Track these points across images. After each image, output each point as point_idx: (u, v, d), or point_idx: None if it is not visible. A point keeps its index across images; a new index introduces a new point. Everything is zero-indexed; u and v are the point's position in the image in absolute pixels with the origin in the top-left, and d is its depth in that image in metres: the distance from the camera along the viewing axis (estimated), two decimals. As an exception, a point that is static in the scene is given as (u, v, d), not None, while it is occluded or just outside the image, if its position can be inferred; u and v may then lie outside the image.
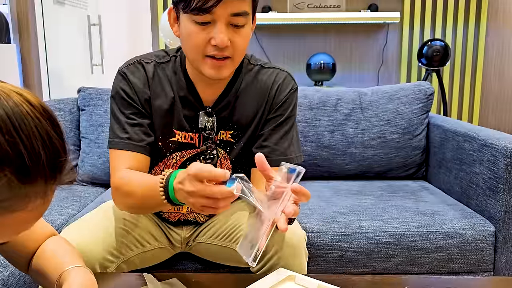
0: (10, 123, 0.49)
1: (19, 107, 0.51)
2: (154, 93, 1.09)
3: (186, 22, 0.98)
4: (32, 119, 0.51)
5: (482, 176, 1.51)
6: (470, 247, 1.43)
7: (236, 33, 0.98)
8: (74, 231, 1.05)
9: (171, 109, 1.10)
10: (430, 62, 3.04)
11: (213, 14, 0.94)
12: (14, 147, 0.49)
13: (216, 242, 1.20)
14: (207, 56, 0.99)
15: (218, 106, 1.11)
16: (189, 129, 1.12)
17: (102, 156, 1.83)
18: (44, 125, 0.52)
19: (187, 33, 0.99)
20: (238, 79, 1.12)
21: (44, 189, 0.53)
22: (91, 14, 3.38)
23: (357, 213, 1.50)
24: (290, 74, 1.16)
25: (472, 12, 3.21)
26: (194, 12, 0.94)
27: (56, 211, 1.51)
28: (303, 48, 3.29)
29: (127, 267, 1.11)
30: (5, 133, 0.49)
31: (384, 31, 3.29)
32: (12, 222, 0.53)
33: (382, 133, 1.88)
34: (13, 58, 2.76)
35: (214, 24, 0.96)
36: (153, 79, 1.09)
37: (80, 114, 1.90)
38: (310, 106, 1.91)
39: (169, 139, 1.12)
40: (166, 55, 1.13)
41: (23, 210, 0.52)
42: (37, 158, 0.51)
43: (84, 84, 1.99)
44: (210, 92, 1.11)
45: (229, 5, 0.94)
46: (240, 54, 1.03)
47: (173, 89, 1.10)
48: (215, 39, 0.96)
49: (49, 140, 0.52)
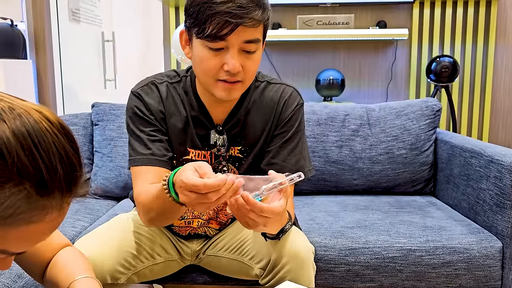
0: (30, 139, 0.52)
1: (39, 124, 0.54)
2: (168, 113, 1.13)
3: (200, 47, 1.01)
4: (51, 136, 0.54)
5: (489, 192, 1.52)
6: (477, 263, 1.43)
7: (247, 59, 1.02)
8: (87, 243, 1.08)
9: (185, 128, 1.13)
10: (439, 78, 3.06)
11: (226, 41, 0.98)
12: (34, 163, 0.52)
13: (225, 255, 1.22)
14: (218, 80, 1.03)
15: (228, 124, 1.15)
16: (202, 147, 1.15)
17: (115, 170, 1.87)
18: (62, 141, 0.55)
19: (200, 58, 1.02)
20: (246, 97, 1.15)
21: (61, 201, 0.56)
22: (105, 31, 3.47)
23: (364, 228, 1.52)
24: (296, 90, 1.19)
25: (480, 28, 3.23)
26: (208, 39, 0.98)
27: (69, 224, 1.55)
28: (313, 64, 3.33)
29: (138, 278, 1.14)
30: (25, 149, 0.52)
31: (393, 47, 3.33)
32: (31, 233, 0.56)
33: (389, 148, 1.90)
34: (29, 74, 2.83)
35: (227, 50, 0.99)
36: (166, 98, 1.13)
37: (94, 129, 1.95)
38: (318, 121, 1.94)
39: (183, 157, 1.15)
40: (177, 75, 1.17)
41: (41, 222, 0.55)
42: (54, 173, 0.54)
43: (97, 99, 2.04)
44: (220, 111, 1.14)
45: (242, 33, 0.98)
46: (251, 77, 1.07)
47: (185, 108, 1.14)
48: (227, 64, 1.00)
49: (66, 155, 0.55)
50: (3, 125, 0.52)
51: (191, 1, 1.00)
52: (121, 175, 1.87)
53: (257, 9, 0.98)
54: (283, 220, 0.99)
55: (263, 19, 1.01)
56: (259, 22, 1.00)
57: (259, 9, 0.99)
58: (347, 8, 3.24)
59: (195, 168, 0.84)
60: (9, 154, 0.51)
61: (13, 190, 0.51)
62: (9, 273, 1.12)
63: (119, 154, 1.88)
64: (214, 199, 0.80)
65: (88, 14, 3.31)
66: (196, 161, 0.86)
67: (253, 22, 0.98)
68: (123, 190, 1.89)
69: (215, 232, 1.27)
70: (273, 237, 1.04)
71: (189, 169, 0.83)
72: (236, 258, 1.20)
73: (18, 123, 0.52)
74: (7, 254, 0.57)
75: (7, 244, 0.55)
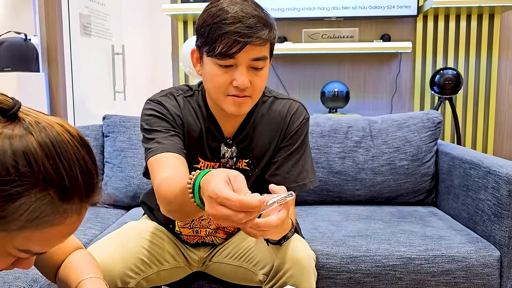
0: (54, 150, 0.58)
1: (61, 137, 0.60)
2: (185, 122, 1.18)
3: (210, 64, 1.07)
4: (72, 147, 0.60)
5: (487, 202, 1.56)
6: (476, 271, 1.47)
7: (255, 75, 1.08)
8: (99, 248, 1.14)
9: (199, 138, 1.19)
10: (442, 90, 3.10)
11: (235, 59, 1.04)
12: (57, 171, 0.58)
13: (230, 262, 1.28)
14: (228, 95, 1.09)
15: (238, 138, 1.21)
16: (211, 158, 1.21)
17: (124, 180, 1.94)
18: (81, 152, 0.61)
19: (210, 74, 1.08)
20: (254, 112, 1.21)
21: (79, 206, 0.62)
22: (115, 44, 3.56)
23: (365, 237, 1.56)
24: (302, 104, 1.25)
25: (484, 41, 3.28)
26: (218, 57, 1.04)
27: (81, 231, 1.61)
28: (318, 77, 3.39)
29: (147, 283, 1.19)
30: (50, 159, 0.58)
31: (397, 60, 3.38)
32: (52, 234, 0.62)
33: (391, 160, 1.95)
34: (41, 86, 2.91)
35: (236, 67, 1.06)
36: (184, 109, 1.19)
37: (105, 140, 2.02)
38: (322, 133, 1.99)
39: (193, 165, 1.21)
40: (189, 89, 1.23)
41: (62, 224, 0.61)
42: (75, 180, 0.60)
43: (107, 111, 2.11)
44: (230, 125, 1.20)
45: (251, 52, 1.04)
46: (259, 93, 1.12)
47: (199, 121, 1.20)
48: (237, 81, 1.05)
49: (85, 165, 0.61)
50: (31, 137, 0.58)
51: (202, 21, 1.06)
52: (131, 185, 1.94)
53: (264, 29, 1.04)
54: (285, 227, 1.03)
55: (270, 38, 1.07)
56: (266, 41, 1.06)
57: (266, 28, 1.05)
58: (351, 22, 3.31)
59: (229, 179, 0.74)
60: (36, 163, 0.57)
61: (39, 196, 0.57)
62: (25, 277, 1.18)
63: (128, 164, 1.95)
64: (244, 220, 0.70)
65: (99, 28, 3.40)
66: (229, 169, 0.77)
67: (261, 41, 1.04)
68: (133, 199, 1.95)
69: (222, 241, 1.32)
70: (275, 242, 1.09)
71: (222, 178, 0.73)
72: (241, 264, 1.25)
73: (43, 135, 0.58)
74: (30, 254, 0.63)
75: (31, 244, 0.61)
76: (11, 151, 0.56)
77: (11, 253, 0.61)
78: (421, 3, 3.19)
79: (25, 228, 0.58)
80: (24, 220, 0.57)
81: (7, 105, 0.59)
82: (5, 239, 0.59)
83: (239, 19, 1.01)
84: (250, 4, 1.05)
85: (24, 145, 0.57)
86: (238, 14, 1.02)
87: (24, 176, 0.56)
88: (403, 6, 3.15)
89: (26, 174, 0.56)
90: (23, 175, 0.56)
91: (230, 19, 1.01)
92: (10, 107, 0.59)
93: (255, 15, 1.03)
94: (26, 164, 0.56)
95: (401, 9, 3.16)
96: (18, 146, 0.56)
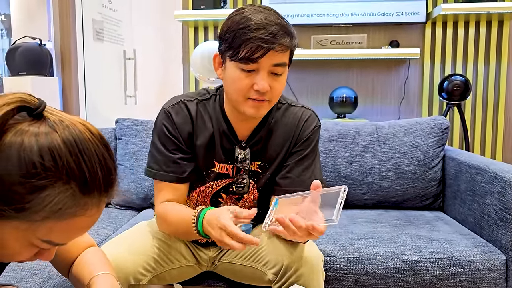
0: (76, 147, 0.63)
1: (83, 135, 0.64)
2: (198, 129, 1.23)
3: (233, 68, 1.13)
4: (92, 144, 0.65)
5: (493, 207, 1.58)
6: (482, 275, 1.49)
7: (275, 80, 1.13)
8: (113, 246, 1.18)
9: (213, 142, 1.24)
10: (451, 97, 3.11)
11: (258, 63, 1.10)
12: (79, 166, 0.63)
13: (240, 262, 1.31)
14: (248, 99, 1.14)
15: (251, 141, 1.26)
16: (225, 160, 1.26)
17: (136, 182, 1.98)
18: (101, 149, 0.66)
19: (232, 78, 1.13)
20: (269, 117, 1.27)
21: (99, 200, 0.66)
22: (127, 49, 3.62)
23: (372, 240, 1.59)
24: (314, 112, 1.31)
25: (492, 48, 3.29)
26: (242, 61, 1.10)
27: (94, 231, 1.65)
28: (326, 82, 3.42)
29: (158, 281, 1.23)
30: (73, 155, 0.62)
31: (405, 66, 3.40)
32: (73, 226, 0.66)
33: (398, 164, 1.97)
34: (55, 90, 2.98)
35: (257, 72, 1.11)
36: (196, 117, 1.24)
37: (117, 143, 2.07)
38: (330, 138, 2.02)
39: (210, 169, 1.26)
40: (207, 93, 1.28)
41: (83, 216, 0.65)
42: (95, 175, 0.64)
43: (118, 114, 2.16)
44: (244, 129, 1.25)
45: (272, 57, 1.10)
46: (277, 97, 1.18)
47: (213, 124, 1.24)
48: (257, 84, 1.11)
49: (104, 161, 0.66)
50: (55, 134, 0.62)
51: (227, 28, 1.13)
52: (142, 187, 1.98)
53: (286, 37, 1.10)
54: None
55: (291, 46, 1.13)
56: (287, 48, 1.12)
57: (288, 36, 1.11)
58: (360, 28, 3.34)
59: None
60: (60, 158, 0.61)
61: (62, 188, 0.61)
62: (42, 274, 1.23)
63: (140, 167, 1.99)
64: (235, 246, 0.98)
65: (111, 34, 3.47)
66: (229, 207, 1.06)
67: (282, 47, 1.09)
68: (144, 201, 1.99)
69: (231, 241, 1.35)
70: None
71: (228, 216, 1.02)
72: (250, 264, 1.28)
73: (67, 133, 0.63)
74: (52, 244, 0.67)
75: (53, 235, 0.65)
76: (37, 147, 0.60)
77: (35, 243, 0.65)
78: (430, 10, 3.22)
79: (48, 219, 0.62)
80: (47, 211, 0.61)
81: (34, 104, 0.63)
82: (29, 230, 0.63)
83: (263, 26, 1.07)
84: (273, 13, 1.12)
85: (49, 142, 0.61)
86: (262, 22, 1.08)
87: (49, 171, 0.60)
88: (412, 13, 3.17)
89: (50, 169, 0.60)
90: (48, 169, 0.60)
91: (254, 25, 1.08)
92: (36, 106, 0.63)
93: (278, 23, 1.09)
94: (51, 159, 0.60)
95: (409, 16, 3.18)
96: (44, 143, 0.61)
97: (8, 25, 4.30)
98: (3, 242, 0.65)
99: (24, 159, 0.59)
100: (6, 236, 0.64)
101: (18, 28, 4.02)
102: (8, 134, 0.60)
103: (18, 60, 2.86)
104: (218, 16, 3.01)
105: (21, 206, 0.60)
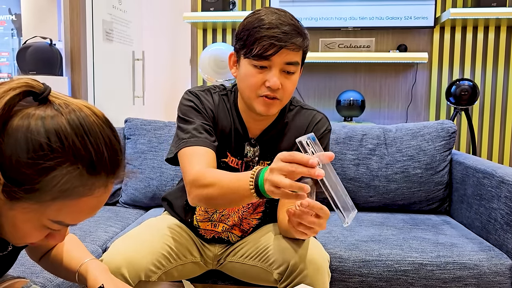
0: (82, 128, 0.65)
1: (89, 118, 0.66)
2: (218, 118, 1.27)
3: (246, 65, 1.17)
4: (98, 126, 0.67)
5: (500, 211, 1.58)
6: (488, 279, 1.49)
7: (286, 79, 1.16)
8: (124, 243, 1.20)
9: (229, 134, 1.28)
10: (458, 101, 3.11)
11: (270, 61, 1.13)
12: (85, 147, 0.64)
13: (246, 261, 1.32)
14: (260, 96, 1.17)
15: (263, 139, 1.29)
16: (235, 155, 1.29)
17: (144, 181, 1.99)
18: (107, 131, 0.68)
19: (245, 74, 1.17)
20: (281, 118, 1.30)
21: (106, 181, 0.68)
22: (136, 50, 3.65)
23: (378, 242, 1.59)
24: (326, 116, 1.34)
25: (501, 53, 3.28)
26: (255, 58, 1.14)
27: (102, 229, 1.67)
28: (333, 86, 3.43)
29: (166, 278, 1.24)
30: (78, 136, 0.64)
31: (413, 70, 3.40)
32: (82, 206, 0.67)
33: (405, 168, 1.98)
34: (64, 90, 3.00)
35: (270, 69, 1.14)
36: (218, 106, 1.28)
37: (126, 142, 2.08)
38: (337, 140, 2.03)
39: (222, 158, 1.29)
40: (225, 89, 1.33)
41: (90, 196, 0.67)
42: (101, 156, 0.66)
43: (126, 114, 2.18)
44: (256, 127, 1.29)
45: (285, 56, 1.13)
46: (288, 96, 1.20)
47: (230, 118, 1.28)
48: (269, 81, 1.14)
49: (110, 142, 0.68)
50: (61, 117, 0.64)
51: (242, 27, 1.17)
52: (150, 186, 1.99)
53: (299, 36, 1.14)
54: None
55: (303, 46, 1.16)
56: (300, 48, 1.15)
57: (300, 36, 1.15)
58: (368, 32, 3.34)
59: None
60: (66, 140, 0.63)
61: (69, 169, 0.63)
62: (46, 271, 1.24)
63: (148, 166, 2.01)
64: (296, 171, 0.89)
65: (120, 34, 3.50)
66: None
67: (294, 46, 1.13)
68: (151, 200, 2.01)
69: (237, 239, 1.36)
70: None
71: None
72: (256, 264, 1.29)
73: (72, 115, 0.65)
74: (62, 225, 0.69)
75: (63, 215, 0.67)
76: (44, 130, 0.62)
77: (46, 224, 0.67)
78: (438, 14, 3.22)
79: (57, 199, 0.64)
80: (56, 192, 0.64)
81: (39, 89, 0.66)
82: (39, 211, 0.65)
83: (276, 26, 1.12)
84: (287, 15, 1.16)
85: (55, 124, 0.63)
86: (275, 21, 1.12)
87: (56, 152, 0.62)
88: (420, 17, 3.18)
89: (57, 150, 0.62)
90: (55, 151, 0.62)
91: (268, 25, 1.12)
92: (41, 91, 0.66)
93: (291, 24, 1.13)
94: (57, 140, 0.63)
95: (418, 20, 3.19)
96: (50, 125, 0.63)
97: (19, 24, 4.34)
98: (14, 223, 0.67)
99: (31, 141, 0.62)
100: (18, 217, 0.66)
101: (29, 28, 4.06)
102: (15, 118, 0.63)
103: (29, 59, 2.89)
104: (227, 18, 3.04)
105: (30, 187, 0.62)
